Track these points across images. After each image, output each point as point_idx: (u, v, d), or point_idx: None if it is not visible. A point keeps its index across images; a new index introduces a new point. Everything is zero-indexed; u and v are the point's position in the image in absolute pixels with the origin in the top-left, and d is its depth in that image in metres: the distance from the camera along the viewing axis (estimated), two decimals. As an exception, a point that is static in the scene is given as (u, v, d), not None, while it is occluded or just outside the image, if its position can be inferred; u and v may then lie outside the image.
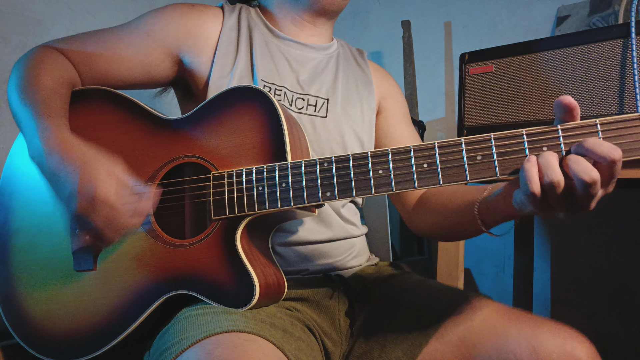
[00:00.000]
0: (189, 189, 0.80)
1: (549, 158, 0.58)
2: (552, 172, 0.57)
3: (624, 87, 1.04)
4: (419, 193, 0.99)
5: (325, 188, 0.70)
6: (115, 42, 0.90)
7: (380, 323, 0.85)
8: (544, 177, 0.57)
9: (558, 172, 0.57)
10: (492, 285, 1.94)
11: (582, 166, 0.56)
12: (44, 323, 0.80)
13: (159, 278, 0.76)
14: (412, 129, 1.08)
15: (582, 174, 0.56)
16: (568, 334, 0.72)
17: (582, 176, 0.56)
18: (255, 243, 0.78)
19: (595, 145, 0.56)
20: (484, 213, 0.75)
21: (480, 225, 0.76)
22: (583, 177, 0.56)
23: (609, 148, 0.55)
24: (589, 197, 0.57)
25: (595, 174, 0.56)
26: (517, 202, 0.62)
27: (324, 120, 0.94)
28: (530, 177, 0.58)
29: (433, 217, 0.92)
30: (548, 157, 0.58)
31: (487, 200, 0.75)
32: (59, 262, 0.81)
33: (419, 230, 1.00)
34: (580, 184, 0.56)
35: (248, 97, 0.77)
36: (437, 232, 0.95)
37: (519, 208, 0.63)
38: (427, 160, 0.65)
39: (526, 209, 0.62)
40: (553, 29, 1.75)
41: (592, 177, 0.55)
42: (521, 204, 0.62)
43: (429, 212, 0.94)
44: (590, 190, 0.56)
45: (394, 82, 1.12)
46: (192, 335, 0.65)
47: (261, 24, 0.98)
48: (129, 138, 0.83)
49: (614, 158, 0.55)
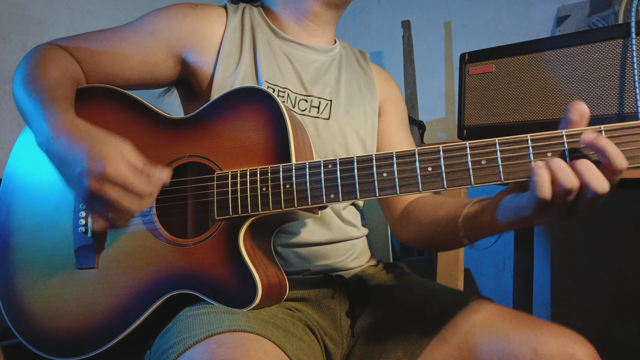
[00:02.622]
0: (193, 188, 0.80)
1: (561, 163, 0.57)
2: (569, 178, 0.57)
3: (624, 87, 1.04)
4: (406, 202, 0.99)
5: (329, 190, 0.70)
6: (118, 41, 0.90)
7: (381, 323, 0.85)
8: (560, 182, 0.57)
9: (574, 178, 0.57)
10: (492, 285, 1.94)
11: (596, 175, 0.56)
12: (45, 321, 0.80)
13: (161, 277, 0.76)
14: (409, 137, 1.08)
15: (595, 184, 0.55)
16: (569, 337, 0.72)
17: (595, 186, 0.55)
18: (257, 244, 0.78)
19: (615, 155, 0.56)
20: (469, 226, 0.75)
21: (462, 237, 0.76)
22: (596, 187, 0.55)
23: (623, 159, 0.56)
24: (592, 204, 0.57)
25: (607, 185, 0.56)
26: (517, 207, 0.62)
27: (327, 122, 0.94)
28: (542, 181, 0.57)
29: (417, 226, 0.92)
30: (560, 163, 0.57)
31: (473, 212, 0.74)
32: (60, 260, 0.82)
33: (403, 239, 1.00)
34: (591, 192, 0.56)
35: (253, 98, 0.77)
36: (420, 242, 0.94)
37: (513, 216, 0.63)
38: (432, 164, 0.65)
39: (524, 213, 0.61)
40: (553, 29, 1.75)
41: (604, 188, 0.56)
42: (520, 209, 0.61)
43: (414, 221, 0.93)
44: (598, 199, 0.56)
45: (396, 86, 1.12)
46: (194, 335, 0.65)
47: (264, 25, 0.98)
48: (133, 137, 0.83)
49: (624, 168, 0.56)
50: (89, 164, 0.66)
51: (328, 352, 0.82)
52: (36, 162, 0.87)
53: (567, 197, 0.57)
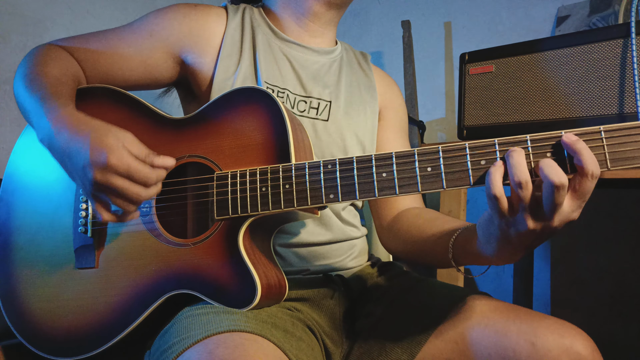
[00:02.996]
0: (192, 188, 0.80)
1: (518, 158, 0.58)
2: (518, 171, 0.57)
3: (624, 87, 1.04)
4: (396, 210, 0.99)
5: (328, 190, 0.70)
6: (117, 42, 0.90)
7: (380, 322, 0.85)
8: (511, 177, 0.57)
9: (525, 172, 0.57)
10: (492, 285, 1.94)
11: (553, 169, 0.56)
12: (45, 321, 0.80)
13: (161, 277, 0.76)
14: (407, 145, 1.08)
15: (552, 176, 0.55)
16: (566, 329, 0.72)
17: (552, 178, 0.55)
18: (257, 244, 0.78)
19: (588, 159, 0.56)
20: (459, 248, 0.76)
21: (451, 258, 0.76)
22: (552, 179, 0.55)
23: (595, 165, 0.56)
24: (554, 204, 0.57)
25: (565, 179, 0.55)
26: (485, 219, 0.62)
27: (326, 124, 0.94)
28: (493, 178, 0.58)
29: (405, 238, 0.92)
30: (517, 158, 0.58)
31: (464, 236, 0.75)
32: (60, 260, 0.82)
33: (389, 248, 1.00)
34: (548, 186, 0.56)
35: (252, 98, 0.77)
36: (407, 254, 0.94)
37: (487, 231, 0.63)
38: (431, 164, 0.65)
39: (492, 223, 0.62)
40: (553, 29, 1.75)
41: (560, 180, 0.55)
42: (488, 221, 0.62)
43: (402, 232, 0.93)
44: (557, 195, 0.56)
45: (399, 92, 1.12)
46: (193, 335, 0.65)
47: (264, 25, 0.98)
48: (133, 137, 0.83)
49: (595, 174, 0.56)
50: (92, 155, 0.66)
51: (328, 352, 0.82)
52: (37, 162, 0.87)
53: (522, 192, 0.57)
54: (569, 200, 0.58)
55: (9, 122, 1.41)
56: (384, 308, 0.88)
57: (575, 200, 0.58)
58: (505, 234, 0.63)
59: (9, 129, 1.41)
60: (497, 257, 0.67)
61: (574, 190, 0.58)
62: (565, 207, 0.58)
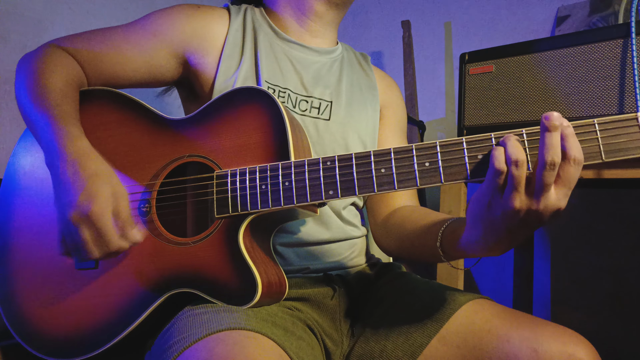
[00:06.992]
0: (192, 187, 0.80)
1: (515, 142, 0.60)
2: (516, 150, 0.59)
3: (624, 87, 1.04)
4: (391, 207, 0.99)
5: (328, 187, 0.71)
6: (120, 42, 0.90)
7: (381, 323, 0.85)
8: (508, 156, 0.59)
9: (522, 152, 0.59)
10: (492, 285, 1.94)
11: (548, 149, 0.58)
12: (44, 322, 0.80)
13: (161, 276, 0.76)
14: (405, 144, 1.08)
15: (546, 154, 0.57)
16: (569, 336, 0.72)
17: (545, 154, 0.57)
18: (257, 242, 0.78)
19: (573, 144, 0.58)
20: (447, 236, 0.76)
21: (439, 246, 0.77)
22: (545, 156, 0.57)
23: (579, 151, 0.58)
24: (543, 184, 0.58)
25: (558, 158, 0.57)
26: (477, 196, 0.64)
27: (327, 123, 0.94)
28: (497, 154, 0.60)
29: (398, 232, 0.92)
30: (514, 141, 0.60)
31: (454, 223, 0.76)
32: (60, 261, 0.82)
33: (382, 245, 1.00)
34: (542, 161, 0.58)
35: (252, 98, 0.78)
36: (397, 248, 0.95)
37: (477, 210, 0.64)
38: (429, 159, 0.66)
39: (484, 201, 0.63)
40: (553, 29, 1.75)
41: (552, 158, 0.57)
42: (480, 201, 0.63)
43: (396, 227, 0.94)
44: (547, 173, 0.58)
45: (399, 93, 1.12)
46: (193, 334, 0.65)
47: (266, 26, 0.98)
48: (133, 137, 0.83)
49: (581, 159, 0.58)
50: (80, 198, 0.68)
51: (328, 352, 0.82)
52: (37, 164, 0.87)
53: (516, 171, 0.59)
54: (555, 186, 0.59)
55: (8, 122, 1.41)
56: (384, 309, 0.88)
57: (561, 188, 0.59)
58: (491, 215, 0.63)
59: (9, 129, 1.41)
60: (484, 244, 0.67)
61: (558, 176, 0.59)
62: (552, 193, 0.59)
